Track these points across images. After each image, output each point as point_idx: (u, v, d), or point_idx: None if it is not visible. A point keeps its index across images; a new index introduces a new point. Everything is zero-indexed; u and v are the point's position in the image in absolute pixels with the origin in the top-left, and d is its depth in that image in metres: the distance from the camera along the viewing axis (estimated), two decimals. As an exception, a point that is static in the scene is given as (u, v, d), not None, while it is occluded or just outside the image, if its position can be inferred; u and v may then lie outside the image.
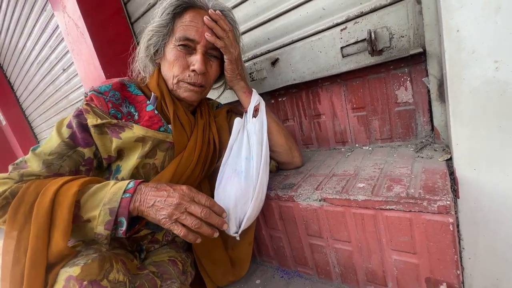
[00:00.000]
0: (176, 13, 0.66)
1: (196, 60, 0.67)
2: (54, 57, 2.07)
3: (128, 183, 0.55)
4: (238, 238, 0.67)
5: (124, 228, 0.52)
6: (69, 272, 0.45)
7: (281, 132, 0.80)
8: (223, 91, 0.92)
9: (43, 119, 2.91)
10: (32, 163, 0.57)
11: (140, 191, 0.54)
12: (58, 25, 1.66)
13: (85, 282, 0.44)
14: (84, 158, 0.62)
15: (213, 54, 0.71)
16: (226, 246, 0.82)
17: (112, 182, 0.55)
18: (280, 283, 0.81)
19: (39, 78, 2.48)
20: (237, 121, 0.75)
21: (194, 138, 0.73)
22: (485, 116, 0.54)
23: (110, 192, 0.52)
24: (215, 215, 0.57)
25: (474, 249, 0.64)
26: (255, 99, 0.77)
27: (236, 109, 0.92)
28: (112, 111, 0.64)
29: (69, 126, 0.62)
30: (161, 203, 0.53)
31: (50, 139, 0.61)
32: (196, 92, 0.71)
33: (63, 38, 1.72)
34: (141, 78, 0.75)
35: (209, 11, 0.67)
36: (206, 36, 0.66)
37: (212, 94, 0.91)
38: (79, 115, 0.62)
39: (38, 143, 3.36)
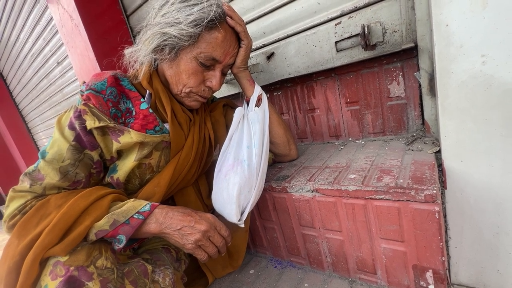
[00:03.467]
0: (208, 26, 0.61)
1: (214, 78, 0.67)
2: (48, 50, 2.05)
3: (144, 206, 0.56)
4: (242, 225, 0.69)
5: (121, 245, 0.53)
6: (57, 258, 0.47)
7: (281, 124, 0.81)
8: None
9: (37, 113, 2.88)
10: (49, 173, 0.56)
11: (162, 214, 0.57)
12: (52, 17, 1.64)
13: (71, 268, 0.46)
14: (94, 160, 0.62)
15: (225, 72, 0.71)
16: None
17: (131, 200, 0.58)
18: (274, 272, 0.83)
19: (32, 71, 2.45)
20: (238, 110, 0.76)
21: (191, 136, 0.73)
22: (472, 109, 0.55)
23: (125, 206, 0.55)
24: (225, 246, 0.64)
25: (460, 238, 0.66)
26: (258, 88, 0.78)
27: (232, 103, 0.93)
28: (113, 111, 0.62)
29: (71, 127, 0.59)
30: (189, 228, 0.57)
31: (55, 142, 0.59)
32: (202, 102, 0.72)
33: (57, 31, 1.70)
34: (133, 72, 0.69)
35: (225, 5, 0.65)
36: (227, 20, 0.65)
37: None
38: (80, 116, 0.59)
39: (32, 137, 3.33)
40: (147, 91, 0.67)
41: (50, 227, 0.47)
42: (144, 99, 0.66)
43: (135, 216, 0.54)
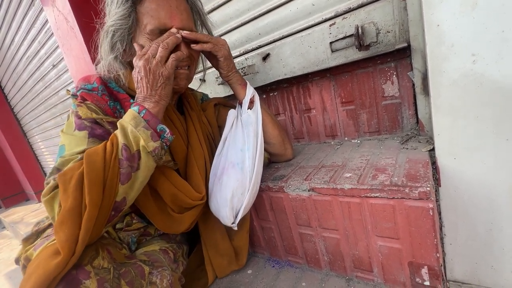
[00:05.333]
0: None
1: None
2: (43, 53, 2.04)
3: (134, 110, 0.57)
4: (236, 228, 0.69)
5: (167, 130, 0.57)
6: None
7: (275, 124, 0.82)
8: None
9: (32, 116, 2.86)
10: (70, 164, 0.54)
11: (142, 102, 0.58)
12: (47, 20, 1.63)
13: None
14: None
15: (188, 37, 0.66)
16: (230, 237, 0.84)
17: (121, 121, 0.56)
18: (271, 272, 0.83)
19: (28, 74, 2.43)
20: (231, 112, 0.76)
21: (194, 134, 0.75)
22: (464, 107, 0.56)
23: (129, 122, 0.55)
24: (164, 36, 0.60)
25: (454, 235, 0.67)
26: (250, 91, 0.79)
27: (223, 102, 0.93)
28: (112, 104, 0.62)
29: (81, 128, 0.58)
30: (147, 79, 0.57)
31: (70, 144, 0.57)
32: (187, 74, 0.69)
33: (52, 33, 1.69)
34: (114, 75, 0.66)
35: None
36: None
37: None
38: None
39: (28, 140, 3.30)
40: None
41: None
42: (133, 100, 0.65)
43: (142, 115, 0.56)
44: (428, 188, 0.53)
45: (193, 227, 0.76)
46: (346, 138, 0.99)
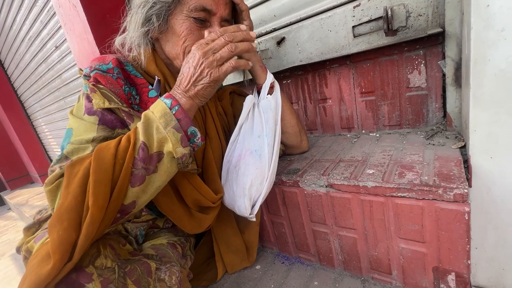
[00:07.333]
0: None
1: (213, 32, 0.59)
2: (45, 33, 1.97)
3: (165, 103, 0.50)
4: (254, 219, 0.65)
5: (199, 135, 0.51)
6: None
7: (293, 113, 0.77)
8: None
9: (36, 99, 2.82)
10: (79, 154, 0.50)
11: (176, 94, 0.52)
12: (49, -3, 1.56)
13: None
14: None
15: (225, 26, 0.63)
16: (241, 231, 0.81)
17: (147, 113, 0.49)
18: (281, 268, 0.80)
19: (30, 55, 2.37)
20: (249, 99, 0.71)
21: (212, 125, 0.71)
22: (509, 101, 0.50)
23: (159, 117, 0.48)
24: (239, 34, 0.53)
25: (482, 240, 0.62)
26: (271, 75, 0.73)
27: (238, 90, 0.87)
28: (127, 89, 0.57)
29: (91, 113, 0.53)
30: (194, 72, 0.50)
31: (78, 128, 0.53)
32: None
33: (55, 12, 1.62)
34: (132, 57, 0.62)
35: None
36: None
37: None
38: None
39: (32, 123, 3.28)
40: (156, 78, 0.61)
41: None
42: (151, 86, 0.61)
43: (173, 112, 0.49)
44: (466, 190, 0.47)
45: None
46: (363, 131, 0.93)
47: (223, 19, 0.61)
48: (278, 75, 1.04)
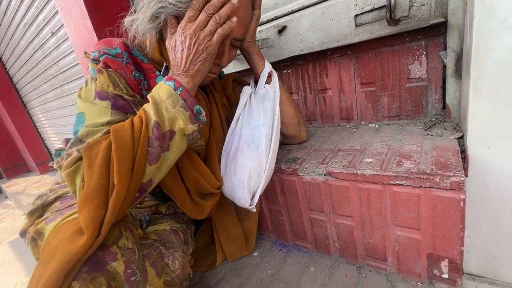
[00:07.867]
0: None
1: (222, 55, 0.59)
2: (41, 19, 1.92)
3: (168, 85, 0.51)
4: (254, 210, 0.66)
5: (203, 112, 0.53)
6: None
7: (291, 103, 0.76)
8: None
9: (32, 87, 2.78)
10: (94, 136, 0.50)
11: (177, 76, 0.53)
12: (45, -19, 1.52)
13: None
14: None
15: (235, 44, 0.62)
16: (240, 220, 0.82)
17: (153, 95, 0.50)
18: (278, 255, 0.81)
19: (26, 42, 2.33)
20: (246, 89, 0.70)
21: (217, 116, 0.71)
22: (508, 91, 0.51)
23: (166, 98, 0.49)
24: (217, 1, 0.50)
25: (475, 228, 0.64)
26: (269, 65, 0.72)
27: (239, 79, 0.87)
28: (137, 74, 0.57)
29: (102, 97, 0.53)
30: (189, 52, 0.51)
31: (91, 113, 0.52)
32: (212, 78, 0.66)
33: (51, -3, 1.58)
34: (137, 43, 0.62)
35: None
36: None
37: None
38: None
39: (28, 112, 3.24)
40: (164, 64, 0.61)
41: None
42: (158, 72, 0.60)
43: (178, 92, 0.50)
44: (462, 178, 0.48)
45: None
46: (362, 122, 0.93)
47: (236, 38, 0.60)
48: (278, 65, 1.04)
